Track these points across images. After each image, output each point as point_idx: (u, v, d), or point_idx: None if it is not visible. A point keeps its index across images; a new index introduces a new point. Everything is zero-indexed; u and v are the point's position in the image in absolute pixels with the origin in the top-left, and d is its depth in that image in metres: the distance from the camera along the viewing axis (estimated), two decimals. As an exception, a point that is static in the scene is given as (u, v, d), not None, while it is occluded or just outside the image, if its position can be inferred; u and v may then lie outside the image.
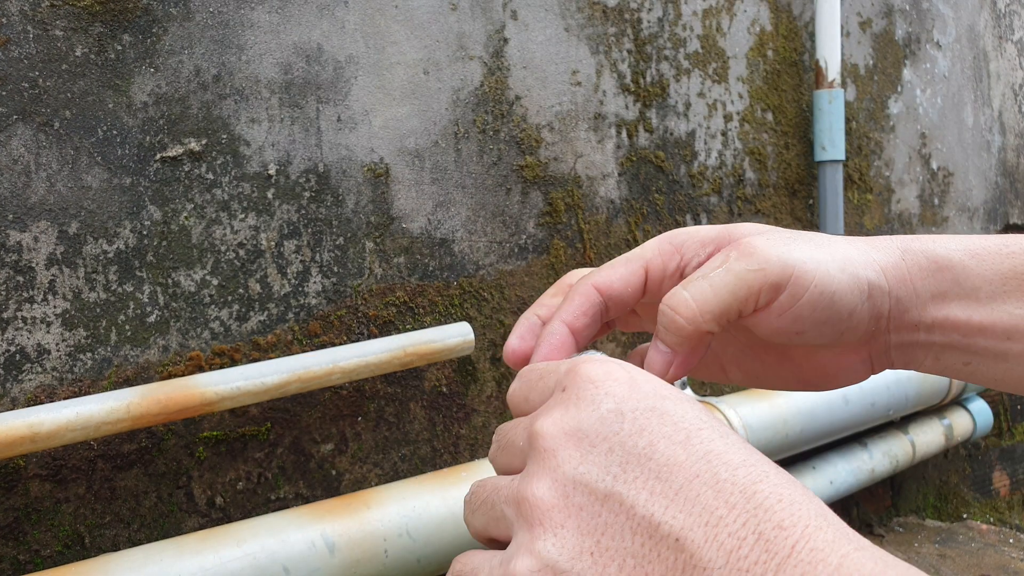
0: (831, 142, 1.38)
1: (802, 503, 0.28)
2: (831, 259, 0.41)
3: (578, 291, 0.43)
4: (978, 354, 0.42)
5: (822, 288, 0.40)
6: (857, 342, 0.44)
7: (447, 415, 0.96)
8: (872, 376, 0.47)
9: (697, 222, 1.24)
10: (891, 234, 1.75)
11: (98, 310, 0.74)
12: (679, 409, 0.32)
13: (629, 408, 0.32)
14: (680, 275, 0.43)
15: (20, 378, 0.70)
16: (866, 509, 1.66)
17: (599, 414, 0.32)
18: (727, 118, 1.29)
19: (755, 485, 0.28)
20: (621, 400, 0.32)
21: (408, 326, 0.92)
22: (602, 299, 0.43)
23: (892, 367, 0.46)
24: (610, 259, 1.16)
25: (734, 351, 0.47)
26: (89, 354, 0.73)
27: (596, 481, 0.30)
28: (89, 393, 0.73)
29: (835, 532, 0.27)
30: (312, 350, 0.86)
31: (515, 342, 0.43)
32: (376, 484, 0.90)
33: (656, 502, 0.29)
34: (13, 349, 0.70)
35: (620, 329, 0.50)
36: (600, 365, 0.34)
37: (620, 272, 0.44)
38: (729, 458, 0.29)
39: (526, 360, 0.43)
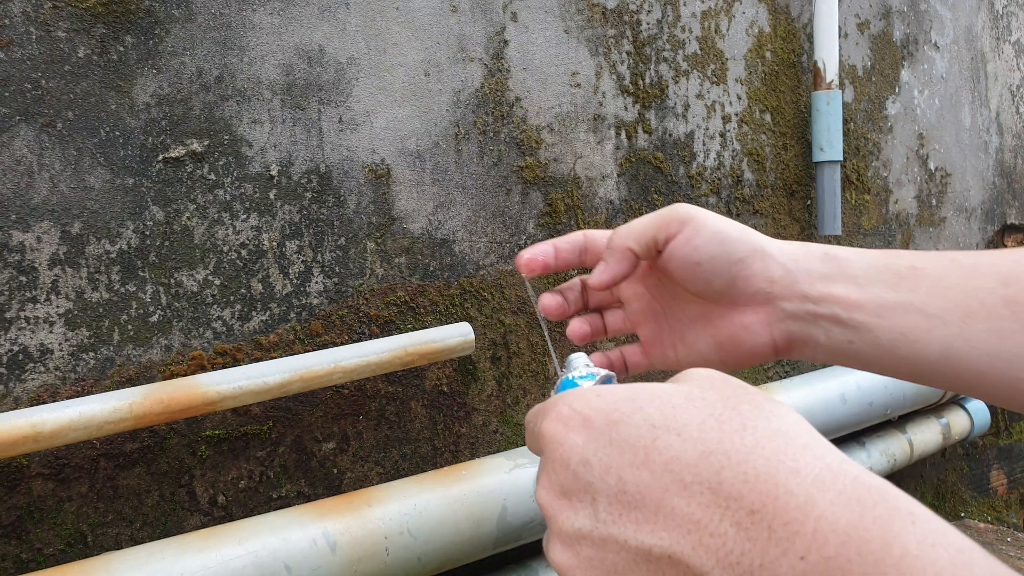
0: (829, 143, 1.39)
1: (767, 473, 0.29)
2: (733, 223, 0.53)
3: (570, 233, 0.60)
4: (857, 330, 0.50)
5: (716, 228, 0.52)
6: (752, 298, 0.53)
7: (448, 414, 0.97)
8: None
9: (696, 222, 1.25)
10: (889, 235, 1.75)
11: (101, 310, 0.74)
12: (632, 429, 0.34)
13: (591, 452, 0.35)
14: None
15: (23, 377, 0.70)
16: (864, 508, 1.66)
17: (571, 470, 0.35)
18: (725, 119, 1.30)
19: (718, 475, 0.30)
20: (583, 448, 0.35)
21: (409, 326, 0.93)
22: (584, 240, 0.59)
23: (791, 348, 0.55)
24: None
25: (670, 321, 0.58)
26: (92, 353, 0.74)
27: (592, 531, 0.33)
28: (92, 392, 0.73)
29: (808, 488, 0.28)
30: (314, 349, 0.86)
31: (526, 255, 0.57)
32: (377, 482, 0.91)
33: (642, 530, 0.31)
34: (16, 349, 0.70)
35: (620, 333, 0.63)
36: (556, 419, 0.37)
37: (599, 232, 0.61)
38: (688, 458, 0.31)
39: (526, 267, 0.57)
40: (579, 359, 0.61)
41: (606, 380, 0.57)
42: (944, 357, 0.46)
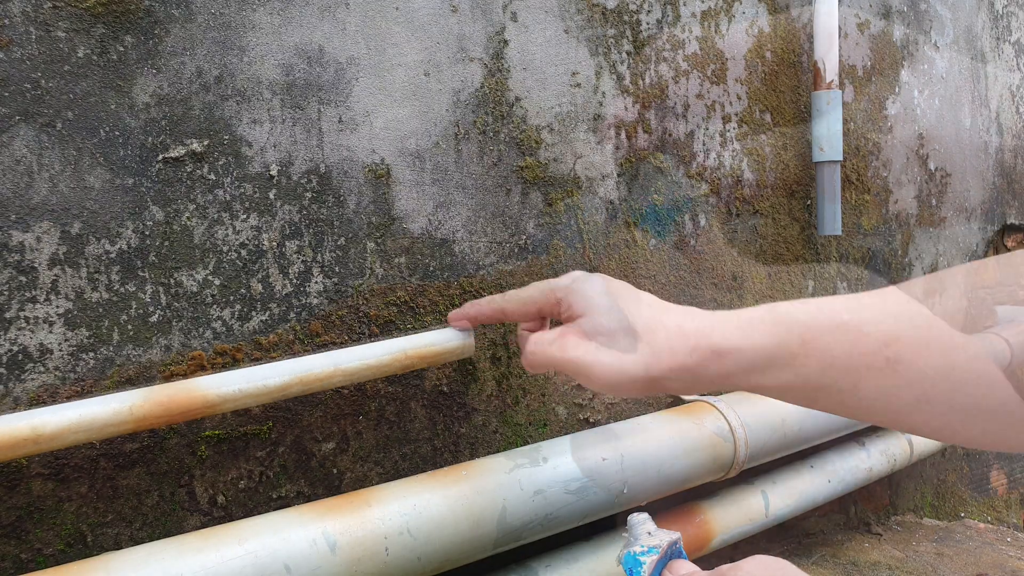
0: (829, 143, 1.39)
1: None
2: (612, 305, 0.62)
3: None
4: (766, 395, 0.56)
5: (577, 290, 0.65)
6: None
7: (447, 414, 0.97)
8: None
9: (696, 223, 1.25)
10: (889, 235, 1.74)
11: (100, 310, 0.74)
12: None
13: None
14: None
15: (23, 378, 0.70)
16: (864, 508, 1.67)
17: None
18: (725, 119, 1.30)
19: None
20: None
21: (409, 326, 0.93)
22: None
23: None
24: (608, 259, 1.20)
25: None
26: (91, 354, 0.74)
27: None
28: (92, 392, 0.73)
29: None
30: (313, 349, 0.86)
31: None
32: (377, 482, 0.91)
33: None
34: (16, 349, 0.70)
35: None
36: None
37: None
38: None
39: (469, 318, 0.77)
40: (641, 525, 0.58)
41: (672, 546, 0.55)
42: (840, 408, 0.52)
